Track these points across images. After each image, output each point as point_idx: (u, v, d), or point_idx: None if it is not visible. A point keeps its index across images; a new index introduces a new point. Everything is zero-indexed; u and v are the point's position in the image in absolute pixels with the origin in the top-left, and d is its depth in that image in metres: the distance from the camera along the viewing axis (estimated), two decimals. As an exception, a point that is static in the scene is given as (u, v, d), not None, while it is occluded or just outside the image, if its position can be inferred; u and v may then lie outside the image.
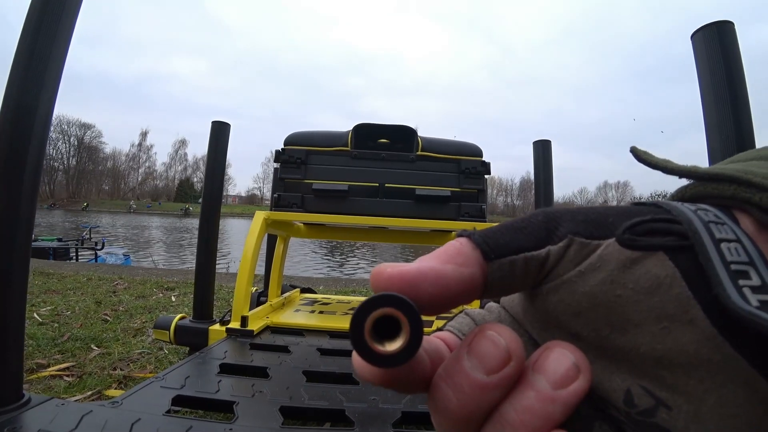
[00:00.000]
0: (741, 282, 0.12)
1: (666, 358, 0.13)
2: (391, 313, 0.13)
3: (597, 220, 0.15)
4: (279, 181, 1.67)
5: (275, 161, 1.69)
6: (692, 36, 1.05)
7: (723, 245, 0.13)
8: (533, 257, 0.14)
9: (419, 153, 1.69)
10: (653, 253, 0.13)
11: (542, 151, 1.78)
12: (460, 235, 0.15)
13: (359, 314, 0.13)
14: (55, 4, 0.78)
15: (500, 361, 0.13)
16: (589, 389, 0.13)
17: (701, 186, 0.16)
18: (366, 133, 1.70)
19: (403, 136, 1.72)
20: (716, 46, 0.97)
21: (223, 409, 0.82)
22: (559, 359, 0.13)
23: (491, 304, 0.20)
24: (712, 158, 0.98)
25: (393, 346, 0.13)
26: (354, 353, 0.13)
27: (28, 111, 0.74)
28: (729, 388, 0.12)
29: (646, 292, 0.13)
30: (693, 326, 0.12)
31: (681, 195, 0.17)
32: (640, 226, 0.14)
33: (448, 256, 0.14)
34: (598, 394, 0.14)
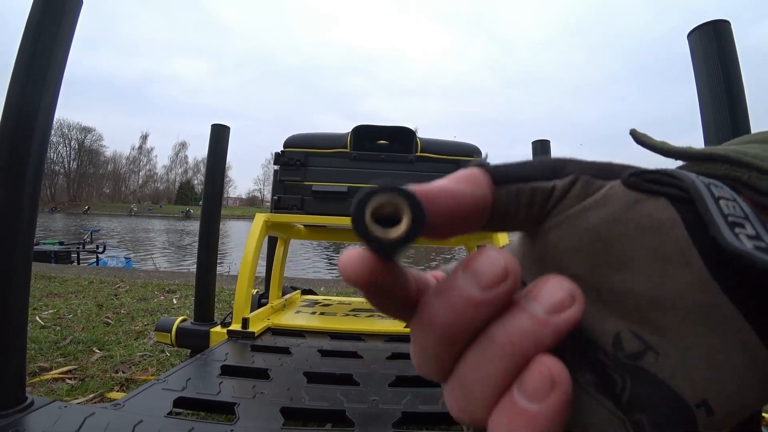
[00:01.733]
0: (737, 230, 0.12)
1: (660, 299, 0.13)
2: (391, 200, 0.12)
3: (603, 166, 0.15)
4: (279, 183, 1.68)
5: (275, 163, 1.70)
6: (689, 35, 1.05)
7: (721, 201, 0.13)
8: (540, 188, 0.15)
9: (418, 154, 1.70)
10: (657, 197, 0.13)
11: (541, 150, 1.79)
12: (471, 165, 0.15)
13: (361, 199, 0.12)
14: (55, 7, 0.79)
15: (496, 277, 0.13)
16: (579, 328, 0.13)
17: (695, 166, 0.17)
18: (365, 134, 1.71)
19: (402, 137, 1.72)
20: (713, 46, 0.98)
21: (225, 410, 0.82)
22: (555, 287, 0.13)
23: None
24: None
25: (394, 231, 0.13)
26: (344, 255, 0.13)
27: (29, 114, 0.74)
28: (718, 336, 0.12)
29: (646, 231, 0.13)
30: (689, 269, 0.13)
31: None
32: (645, 174, 0.14)
33: (460, 178, 0.14)
34: (587, 336, 0.14)
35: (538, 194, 0.15)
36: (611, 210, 0.14)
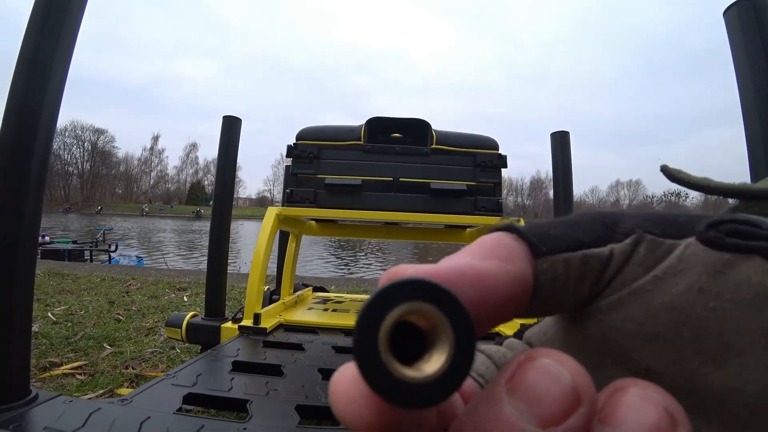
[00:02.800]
0: None
1: None
2: (421, 309, 0.08)
3: (666, 219, 0.11)
4: (291, 176, 1.64)
5: (287, 156, 1.66)
6: (725, 13, 0.99)
7: None
8: (593, 255, 0.11)
9: (434, 146, 1.65)
10: (748, 256, 0.10)
11: (560, 142, 1.73)
12: (496, 229, 0.11)
13: (371, 311, 0.08)
14: (58, 5, 0.76)
15: (564, 405, 0.08)
16: None
17: (756, 206, 0.13)
18: (379, 126, 1.67)
19: (417, 129, 1.68)
20: (752, 22, 0.92)
21: (236, 407, 0.78)
22: (640, 404, 0.08)
23: (512, 341, 0.16)
24: (751, 144, 0.92)
25: (424, 369, 0.08)
26: (337, 382, 0.09)
27: (32, 114, 0.72)
28: None
29: (749, 306, 0.10)
30: None
31: None
32: (722, 225, 0.10)
33: (487, 251, 0.10)
34: None
35: (591, 263, 0.11)
36: (694, 278, 0.10)
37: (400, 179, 1.61)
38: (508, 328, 1.39)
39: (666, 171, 0.16)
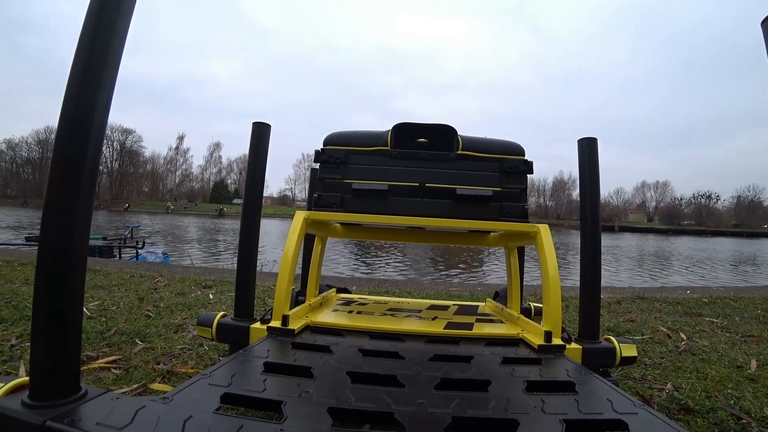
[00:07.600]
0: None
1: None
2: None
3: None
4: (318, 181, 1.67)
5: (315, 161, 1.69)
6: (763, 23, 0.97)
7: None
8: None
9: (460, 152, 1.66)
10: None
11: (587, 149, 1.70)
12: None
13: None
14: (110, 11, 0.79)
15: None
16: None
17: None
18: (405, 132, 1.68)
19: (443, 135, 1.68)
20: None
21: (271, 408, 0.81)
22: None
23: None
24: None
25: None
26: None
27: (85, 116, 0.75)
28: None
29: None
30: None
31: None
32: None
33: None
34: None
35: None
36: None
37: (426, 185, 1.62)
38: (533, 336, 1.39)
39: None
